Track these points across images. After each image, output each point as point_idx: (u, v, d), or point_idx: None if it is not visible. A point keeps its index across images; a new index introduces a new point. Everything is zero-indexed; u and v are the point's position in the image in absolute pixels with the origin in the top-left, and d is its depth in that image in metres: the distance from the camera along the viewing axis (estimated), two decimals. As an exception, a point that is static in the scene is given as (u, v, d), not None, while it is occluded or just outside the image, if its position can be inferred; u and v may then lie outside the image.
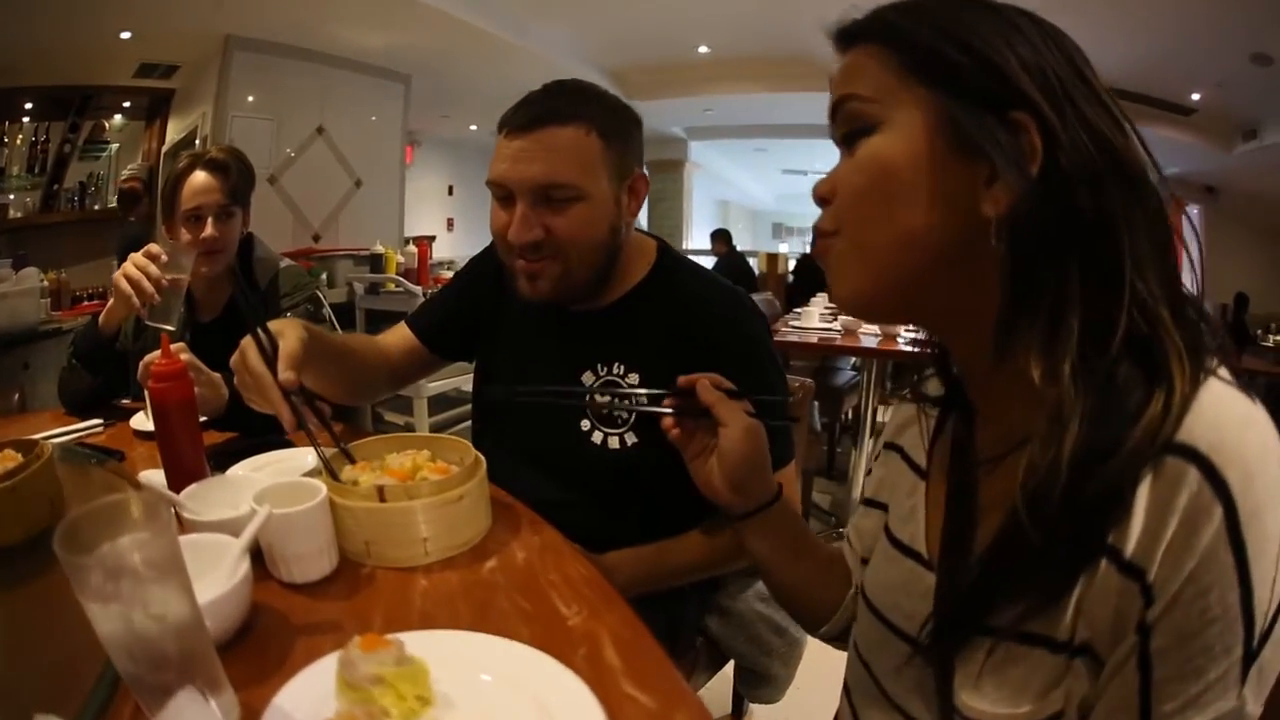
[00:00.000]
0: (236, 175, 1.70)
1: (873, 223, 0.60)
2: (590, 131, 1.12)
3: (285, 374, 0.93)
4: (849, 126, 0.62)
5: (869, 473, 0.88)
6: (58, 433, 1.48)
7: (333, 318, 1.86)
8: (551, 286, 1.16)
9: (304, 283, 1.81)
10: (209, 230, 1.65)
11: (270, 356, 0.95)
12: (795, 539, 0.90)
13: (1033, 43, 0.57)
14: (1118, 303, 0.53)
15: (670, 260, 1.29)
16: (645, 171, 1.24)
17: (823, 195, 0.65)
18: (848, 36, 0.63)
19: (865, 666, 0.76)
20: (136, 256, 1.44)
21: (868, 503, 0.87)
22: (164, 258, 1.45)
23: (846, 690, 0.82)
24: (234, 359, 0.98)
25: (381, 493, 0.89)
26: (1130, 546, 0.49)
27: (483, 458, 1.01)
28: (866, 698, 0.76)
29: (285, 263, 1.85)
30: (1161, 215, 0.56)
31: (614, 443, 1.22)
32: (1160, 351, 0.52)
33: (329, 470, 0.94)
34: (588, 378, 1.24)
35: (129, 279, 1.42)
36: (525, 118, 1.12)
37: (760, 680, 1.40)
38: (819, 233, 0.65)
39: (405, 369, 1.43)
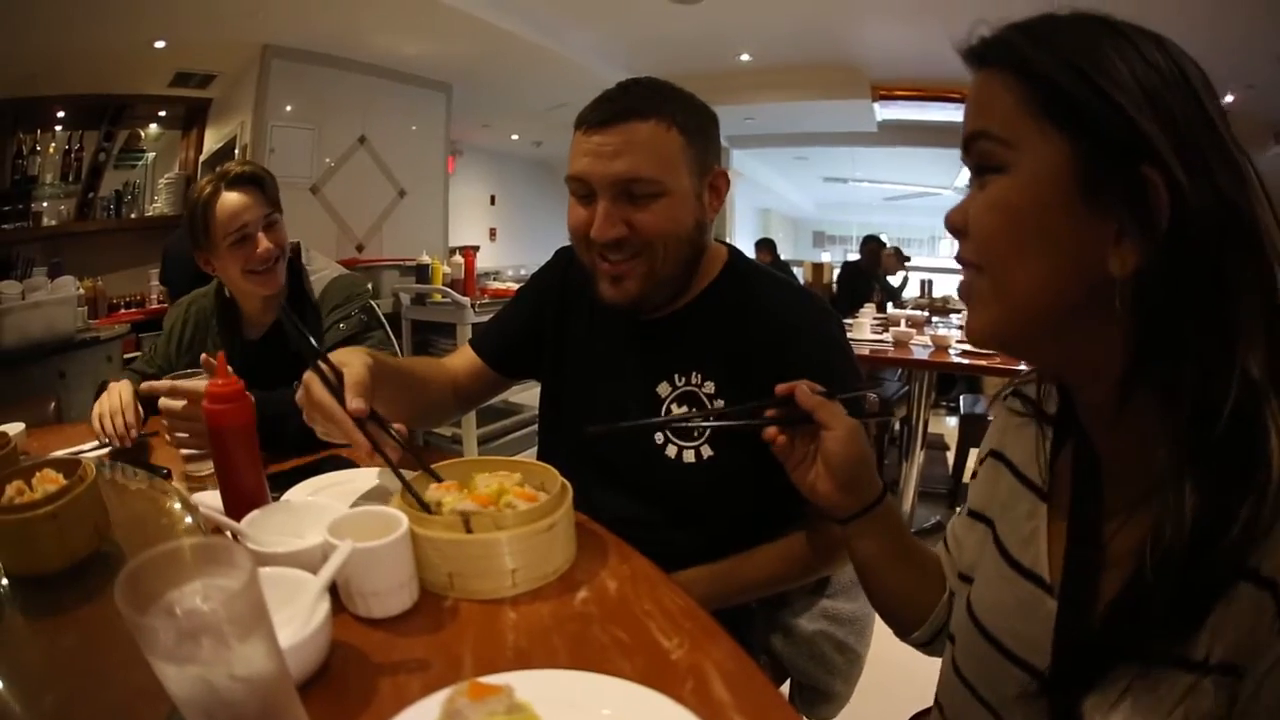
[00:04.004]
0: (269, 182, 1.63)
1: (1009, 264, 0.60)
2: (671, 127, 1.10)
3: (354, 403, 0.90)
4: (980, 162, 0.62)
5: (973, 476, 0.87)
6: (96, 445, 1.42)
7: (387, 327, 1.77)
8: (638, 287, 1.14)
9: (357, 292, 1.73)
10: (263, 244, 1.57)
11: (335, 386, 0.91)
12: (901, 538, 0.91)
13: (1165, 80, 0.55)
14: (1228, 372, 0.53)
15: (741, 264, 1.26)
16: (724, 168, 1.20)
17: (955, 225, 0.65)
18: (978, 58, 0.63)
19: (968, 687, 0.75)
20: (113, 401, 1.40)
21: (972, 514, 0.85)
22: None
23: (939, 706, 0.82)
24: (299, 395, 0.94)
25: (468, 523, 0.82)
26: (1266, 565, 0.52)
27: (569, 485, 0.94)
28: (964, 716, 0.76)
29: (335, 273, 1.78)
30: (1272, 276, 0.55)
31: (689, 456, 1.18)
32: (1261, 427, 0.52)
33: (416, 499, 0.87)
34: (664, 388, 1.21)
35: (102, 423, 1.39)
36: (605, 113, 1.10)
37: (821, 698, 1.35)
38: (962, 262, 0.65)
39: (471, 391, 1.41)
